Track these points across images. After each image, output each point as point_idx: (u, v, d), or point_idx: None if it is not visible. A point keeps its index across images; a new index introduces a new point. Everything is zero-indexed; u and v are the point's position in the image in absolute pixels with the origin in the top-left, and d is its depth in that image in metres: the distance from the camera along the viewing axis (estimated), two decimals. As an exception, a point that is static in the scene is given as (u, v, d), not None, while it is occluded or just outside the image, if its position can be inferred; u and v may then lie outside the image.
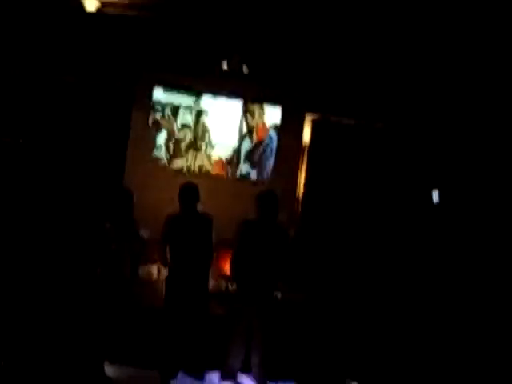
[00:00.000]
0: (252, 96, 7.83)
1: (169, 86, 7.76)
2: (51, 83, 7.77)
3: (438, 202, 7.72)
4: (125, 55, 7.72)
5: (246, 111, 7.83)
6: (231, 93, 7.79)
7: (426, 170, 7.92)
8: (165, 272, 6.49)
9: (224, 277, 7.12)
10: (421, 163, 7.94)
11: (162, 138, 7.83)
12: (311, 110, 7.97)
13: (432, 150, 7.89)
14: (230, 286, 6.74)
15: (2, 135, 7.43)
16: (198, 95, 7.79)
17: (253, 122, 7.85)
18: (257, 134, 7.87)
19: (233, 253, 6.23)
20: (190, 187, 6.30)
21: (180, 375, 6.21)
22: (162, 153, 7.84)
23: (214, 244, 6.28)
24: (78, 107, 7.81)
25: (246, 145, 7.89)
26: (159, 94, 7.76)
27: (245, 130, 7.85)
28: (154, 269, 7.29)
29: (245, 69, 7.73)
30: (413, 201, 7.91)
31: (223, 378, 6.30)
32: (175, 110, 7.80)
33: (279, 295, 6.43)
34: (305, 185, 7.91)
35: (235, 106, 7.81)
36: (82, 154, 7.71)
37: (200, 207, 6.29)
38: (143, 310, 6.76)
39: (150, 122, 7.78)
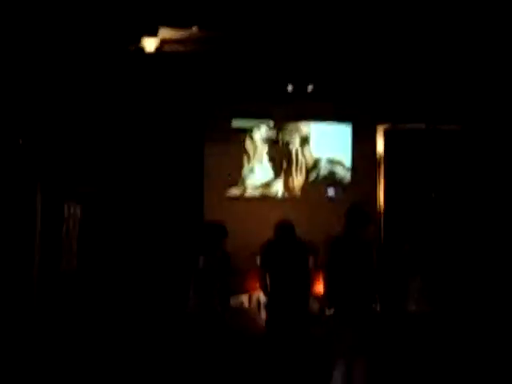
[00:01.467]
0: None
1: (243, 116, 7.87)
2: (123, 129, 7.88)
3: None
4: (190, 91, 7.77)
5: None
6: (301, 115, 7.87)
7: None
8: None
9: (317, 299, 7.03)
10: (500, 165, 7.74)
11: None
12: (381, 121, 7.87)
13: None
14: (326, 309, 6.55)
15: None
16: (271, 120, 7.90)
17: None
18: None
19: (326, 273, 6.16)
20: (287, 226, 6.27)
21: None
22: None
23: (310, 268, 6.27)
24: (153, 148, 7.88)
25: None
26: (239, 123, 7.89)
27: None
28: (245, 298, 7.27)
29: (310, 88, 7.70)
30: (496, 203, 7.69)
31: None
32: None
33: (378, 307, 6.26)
34: (385, 196, 7.79)
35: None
36: (160, 194, 7.76)
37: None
38: (238, 339, 6.76)
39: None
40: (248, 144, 7.88)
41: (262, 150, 7.90)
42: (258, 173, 7.92)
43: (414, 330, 6.27)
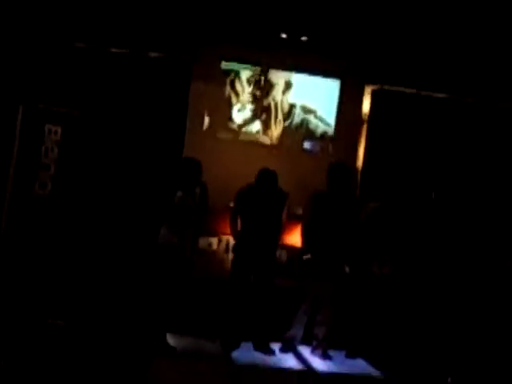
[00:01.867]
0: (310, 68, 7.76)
1: (231, 60, 7.75)
2: (109, 55, 7.74)
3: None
4: (184, 27, 7.64)
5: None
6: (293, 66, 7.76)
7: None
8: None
9: (284, 247, 7.11)
10: (487, 139, 7.75)
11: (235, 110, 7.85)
12: (370, 82, 7.83)
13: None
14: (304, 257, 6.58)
15: (59, 105, 7.44)
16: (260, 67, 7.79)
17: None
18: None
19: (304, 225, 6.25)
20: (270, 174, 6.29)
21: (242, 345, 6.26)
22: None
23: (284, 219, 6.32)
24: (134, 79, 7.78)
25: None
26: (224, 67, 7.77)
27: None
28: (215, 241, 7.32)
29: (304, 38, 7.62)
30: (478, 177, 7.73)
31: (283, 349, 6.34)
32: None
33: (347, 269, 6.37)
34: (365, 155, 7.80)
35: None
36: (141, 126, 7.70)
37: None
38: (203, 281, 6.84)
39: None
40: (235, 85, 7.79)
41: (247, 92, 7.82)
42: (240, 115, 7.84)
43: (376, 292, 6.40)
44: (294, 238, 6.86)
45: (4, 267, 6.78)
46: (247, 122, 7.82)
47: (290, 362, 6.21)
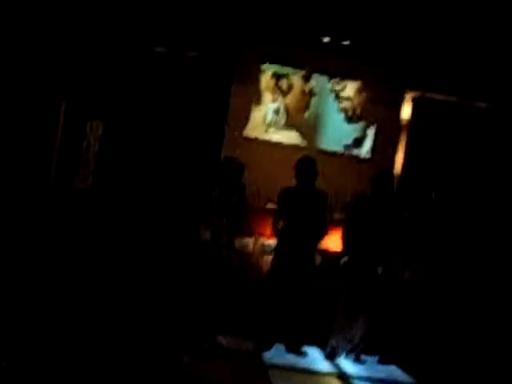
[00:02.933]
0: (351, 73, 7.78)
1: (274, 62, 7.76)
2: (153, 54, 7.79)
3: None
4: (228, 27, 7.69)
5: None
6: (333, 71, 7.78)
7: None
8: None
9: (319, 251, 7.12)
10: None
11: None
12: (411, 88, 7.81)
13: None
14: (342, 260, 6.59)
15: (101, 102, 7.54)
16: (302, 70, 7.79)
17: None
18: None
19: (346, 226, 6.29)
20: (308, 160, 6.30)
21: (276, 347, 6.28)
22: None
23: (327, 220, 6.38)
24: (176, 78, 7.84)
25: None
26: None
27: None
28: (251, 241, 7.36)
29: (346, 43, 7.62)
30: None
31: (328, 356, 6.34)
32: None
33: (380, 270, 6.38)
34: (404, 163, 7.78)
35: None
36: (181, 124, 7.75)
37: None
38: (238, 282, 6.88)
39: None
40: (279, 86, 7.81)
41: (290, 95, 7.85)
42: (279, 117, 7.86)
43: (404, 297, 6.39)
44: (331, 242, 6.85)
45: (47, 261, 6.87)
46: (286, 125, 7.84)
47: (321, 364, 6.22)
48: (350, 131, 7.80)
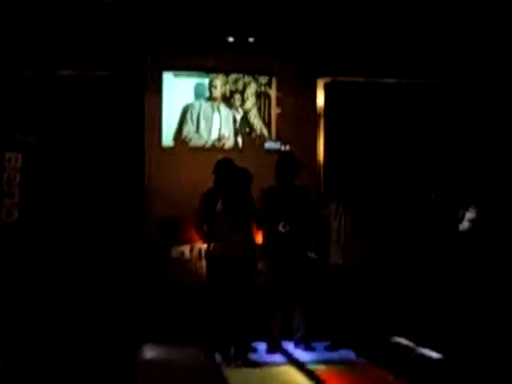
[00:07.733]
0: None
1: (178, 69, 7.82)
2: (59, 79, 7.73)
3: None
4: (129, 42, 7.66)
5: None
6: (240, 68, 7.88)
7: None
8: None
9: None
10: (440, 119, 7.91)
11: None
12: (321, 74, 7.92)
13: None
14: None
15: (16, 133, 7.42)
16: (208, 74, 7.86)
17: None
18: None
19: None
20: (225, 161, 6.34)
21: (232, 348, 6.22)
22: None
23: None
24: (87, 100, 7.79)
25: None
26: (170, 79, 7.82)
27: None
28: (187, 249, 7.35)
29: (251, 40, 7.70)
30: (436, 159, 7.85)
31: (270, 350, 6.35)
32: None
33: (313, 254, 6.44)
34: (325, 149, 7.89)
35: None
36: (100, 144, 7.71)
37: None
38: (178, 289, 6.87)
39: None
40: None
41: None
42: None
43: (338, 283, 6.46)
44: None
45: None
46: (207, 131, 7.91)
47: (273, 357, 6.22)
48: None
